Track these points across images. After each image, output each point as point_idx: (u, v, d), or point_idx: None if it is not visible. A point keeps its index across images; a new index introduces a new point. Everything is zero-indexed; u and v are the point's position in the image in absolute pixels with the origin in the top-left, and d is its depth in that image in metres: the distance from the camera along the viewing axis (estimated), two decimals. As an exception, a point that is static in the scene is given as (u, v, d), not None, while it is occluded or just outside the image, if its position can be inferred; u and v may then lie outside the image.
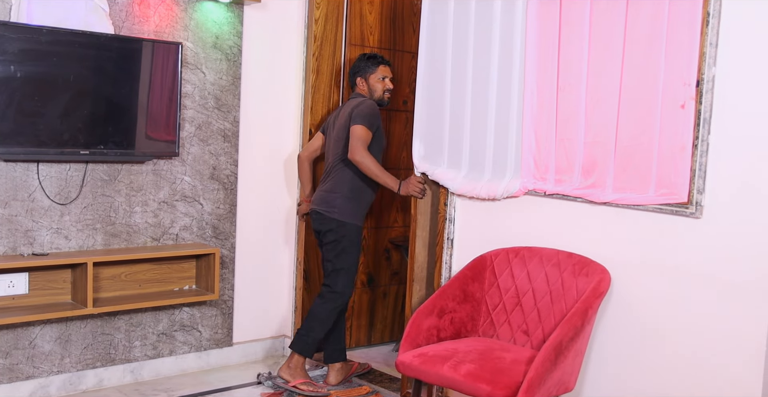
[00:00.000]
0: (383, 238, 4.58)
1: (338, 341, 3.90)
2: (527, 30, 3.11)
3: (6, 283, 3.35)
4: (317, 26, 4.16)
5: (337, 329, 3.88)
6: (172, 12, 3.72)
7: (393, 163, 4.56)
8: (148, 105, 3.61)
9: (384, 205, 4.56)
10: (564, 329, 2.62)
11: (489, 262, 3.19)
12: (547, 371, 2.56)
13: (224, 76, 3.92)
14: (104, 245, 3.62)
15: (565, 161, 3.05)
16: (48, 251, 3.45)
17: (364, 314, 4.55)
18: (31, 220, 3.40)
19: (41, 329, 3.49)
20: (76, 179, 3.51)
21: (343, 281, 3.75)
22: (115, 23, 3.53)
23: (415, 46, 4.07)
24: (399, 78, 4.53)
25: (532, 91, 3.13)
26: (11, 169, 3.33)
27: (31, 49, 3.23)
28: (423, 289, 3.66)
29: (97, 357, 3.67)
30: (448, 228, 3.49)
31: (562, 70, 3.03)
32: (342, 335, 3.92)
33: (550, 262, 3.04)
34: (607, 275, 2.85)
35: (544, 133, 3.10)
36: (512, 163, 3.22)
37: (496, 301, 3.13)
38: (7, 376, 3.40)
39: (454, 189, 3.41)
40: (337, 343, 3.90)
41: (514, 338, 3.05)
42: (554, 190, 3.08)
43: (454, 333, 3.07)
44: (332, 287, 3.75)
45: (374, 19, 4.38)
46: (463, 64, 3.34)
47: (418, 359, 2.81)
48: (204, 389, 3.73)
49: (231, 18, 3.91)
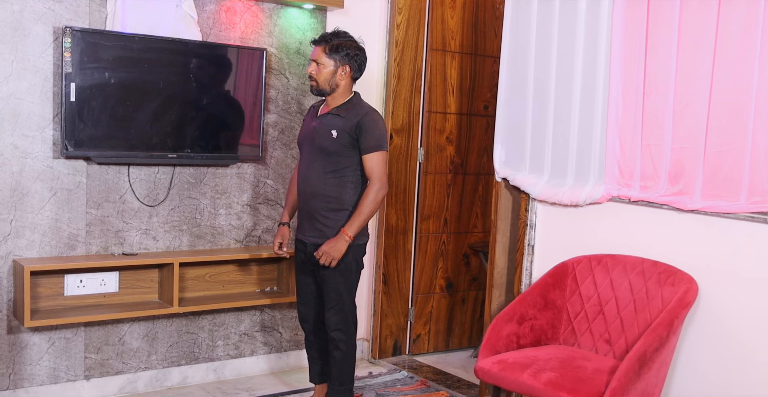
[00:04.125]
0: (462, 243, 4.56)
1: None
2: (613, 32, 3.05)
3: (98, 281, 3.48)
4: (399, 31, 4.18)
5: None
6: (258, 19, 3.80)
7: (474, 168, 4.54)
8: (233, 110, 3.70)
9: (463, 210, 4.54)
10: (648, 340, 2.55)
11: (571, 269, 3.13)
12: (630, 382, 2.49)
13: (307, 81, 3.97)
14: (190, 246, 3.73)
15: (651, 167, 2.97)
16: (137, 251, 3.58)
17: (443, 320, 4.54)
18: (122, 221, 3.53)
19: (130, 326, 3.61)
20: (164, 182, 3.63)
21: (353, 311, 3.29)
22: (203, 30, 3.64)
23: (497, 51, 4.04)
24: (480, 82, 4.50)
25: (617, 95, 3.06)
26: (104, 172, 3.46)
27: (124, 56, 3.36)
28: (502, 295, 3.63)
29: (182, 355, 3.77)
30: (528, 234, 3.45)
31: (649, 73, 2.95)
32: None
33: (634, 270, 2.96)
34: (694, 284, 2.76)
35: (629, 138, 3.03)
36: (596, 169, 3.15)
37: (578, 309, 3.07)
38: (98, 371, 3.54)
39: (536, 195, 3.36)
40: None
41: (596, 347, 2.98)
42: (639, 197, 3.01)
43: (534, 340, 3.03)
44: (345, 329, 3.25)
45: (456, 23, 4.37)
46: (546, 67, 3.30)
47: (498, 365, 2.78)
48: (283, 389, 3.79)
49: (314, 24, 3.97)
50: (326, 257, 3.11)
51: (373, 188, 3.12)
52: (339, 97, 3.21)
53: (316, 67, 3.16)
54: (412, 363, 4.32)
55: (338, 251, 3.11)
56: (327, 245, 3.13)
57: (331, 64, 3.15)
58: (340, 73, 3.16)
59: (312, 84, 3.19)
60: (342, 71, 3.16)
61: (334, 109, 3.20)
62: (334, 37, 3.17)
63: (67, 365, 3.46)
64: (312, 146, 3.21)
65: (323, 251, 3.12)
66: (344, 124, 3.14)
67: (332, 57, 3.15)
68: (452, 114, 4.42)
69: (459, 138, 4.46)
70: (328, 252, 3.11)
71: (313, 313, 3.36)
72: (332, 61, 3.15)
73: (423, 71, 4.30)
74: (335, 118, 3.17)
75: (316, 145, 3.19)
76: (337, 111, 3.19)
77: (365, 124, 3.12)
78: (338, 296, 3.22)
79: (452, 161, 4.45)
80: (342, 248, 3.12)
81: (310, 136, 3.24)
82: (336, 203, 3.17)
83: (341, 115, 3.17)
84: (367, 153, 3.13)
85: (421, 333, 4.46)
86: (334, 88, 3.18)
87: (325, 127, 3.17)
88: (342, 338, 3.25)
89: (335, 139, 3.13)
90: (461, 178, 4.50)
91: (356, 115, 3.15)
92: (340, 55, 3.15)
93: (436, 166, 4.39)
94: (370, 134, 3.12)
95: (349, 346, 3.27)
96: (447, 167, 4.44)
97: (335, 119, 3.17)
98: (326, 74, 3.15)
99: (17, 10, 3.20)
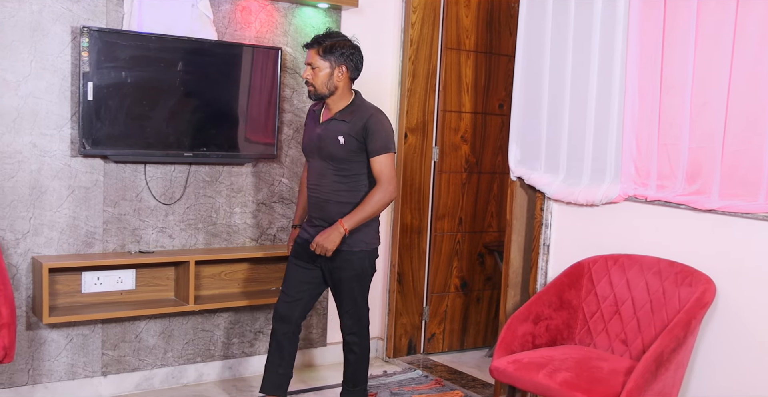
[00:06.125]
0: (477, 242, 4.55)
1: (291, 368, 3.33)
2: (629, 31, 3.04)
3: (115, 278, 3.51)
4: (414, 30, 4.18)
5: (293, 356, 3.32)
6: (273, 18, 3.81)
7: (489, 167, 4.53)
8: (249, 109, 3.71)
9: (478, 209, 4.53)
10: (665, 340, 2.54)
11: (586, 269, 3.12)
12: (647, 383, 2.48)
13: (322, 80, 3.98)
14: (205, 244, 3.75)
15: (667, 167, 2.95)
16: (153, 249, 3.60)
17: (457, 319, 4.53)
18: (138, 219, 3.56)
19: (146, 323, 3.64)
20: (180, 180, 3.65)
21: (367, 314, 3.27)
22: (218, 30, 3.65)
23: (512, 49, 4.02)
24: (495, 81, 4.49)
25: (633, 94, 3.04)
26: (121, 170, 3.49)
27: (140, 55, 3.38)
28: (518, 295, 3.62)
29: (198, 352, 3.79)
30: (544, 233, 3.44)
31: (666, 72, 2.94)
32: None
33: (650, 270, 2.95)
34: (712, 285, 2.75)
35: (645, 137, 3.02)
36: (612, 168, 3.14)
37: (594, 309, 3.06)
38: (116, 367, 3.57)
39: (551, 194, 3.35)
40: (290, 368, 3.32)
41: (612, 347, 2.97)
42: (656, 197, 2.99)
43: (549, 340, 3.02)
44: (359, 331, 3.23)
45: (470, 22, 4.36)
46: (562, 66, 3.29)
47: (513, 365, 2.78)
48: (299, 387, 3.80)
49: (329, 23, 3.98)
50: (320, 248, 3.03)
51: (381, 188, 3.03)
52: (339, 100, 3.08)
53: (312, 71, 3.04)
54: (426, 362, 4.32)
55: (332, 242, 3.02)
56: (321, 236, 3.04)
57: (326, 67, 3.02)
58: (338, 75, 3.04)
59: (309, 89, 3.07)
60: (339, 72, 3.04)
61: (337, 114, 3.08)
62: (327, 38, 3.05)
63: (84, 362, 3.49)
64: (320, 154, 3.11)
65: (317, 243, 3.04)
66: (350, 128, 3.03)
67: (327, 59, 3.02)
68: (467, 113, 4.41)
69: (474, 137, 4.46)
70: (322, 244, 3.02)
71: (297, 314, 3.24)
72: (327, 63, 3.02)
73: (438, 70, 4.29)
74: (340, 123, 3.06)
75: (324, 153, 3.09)
76: (341, 116, 3.07)
77: (371, 126, 3.02)
78: (353, 301, 3.18)
79: (467, 160, 4.45)
80: (336, 240, 3.02)
81: (315, 145, 3.12)
82: (352, 208, 3.07)
83: (346, 119, 3.05)
84: (374, 156, 3.03)
85: (436, 332, 4.46)
86: (333, 91, 3.05)
87: (331, 134, 3.06)
88: (356, 341, 3.23)
89: (343, 145, 3.04)
90: (476, 177, 4.50)
91: (361, 118, 3.04)
92: (335, 55, 3.02)
93: (450, 165, 4.39)
94: (377, 136, 3.02)
95: (363, 348, 3.25)
96: (462, 166, 4.43)
97: (340, 125, 3.06)
98: (323, 77, 3.03)
99: (36, 11, 3.22)
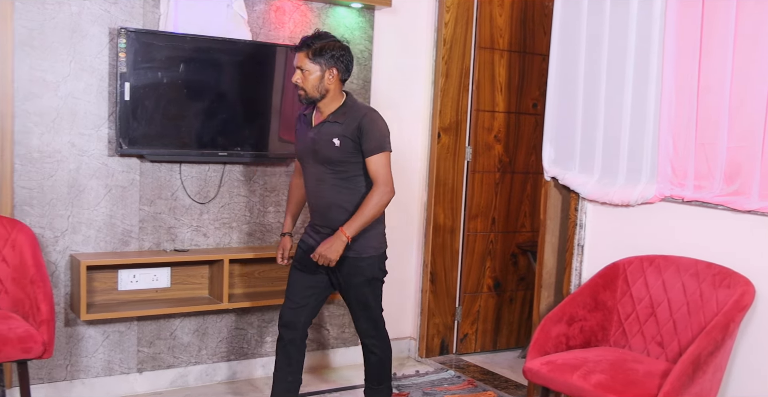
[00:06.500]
0: (510, 243, 4.53)
1: None
2: (666, 29, 2.99)
3: (151, 276, 3.55)
4: (447, 29, 4.16)
5: None
6: (306, 18, 3.83)
7: (522, 167, 4.50)
8: (282, 108, 3.73)
9: (511, 209, 4.50)
10: (703, 343, 2.50)
11: (622, 270, 3.08)
12: (683, 386, 2.45)
13: (355, 79, 3.99)
14: (239, 243, 3.78)
15: (705, 167, 2.91)
16: (188, 248, 3.63)
17: (490, 319, 4.51)
18: (174, 218, 3.60)
19: (181, 321, 3.68)
20: (215, 180, 3.68)
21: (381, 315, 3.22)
22: (252, 30, 3.68)
23: (546, 49, 3.99)
24: (529, 80, 4.46)
25: (670, 93, 3.00)
26: (156, 169, 3.53)
27: (176, 55, 3.42)
28: (551, 295, 3.59)
29: (231, 350, 3.82)
30: (578, 234, 3.41)
31: (704, 72, 2.89)
32: None
33: (687, 272, 2.90)
34: (751, 287, 2.70)
35: (682, 137, 2.97)
36: (648, 168, 3.10)
37: (629, 310, 3.02)
38: (151, 364, 3.61)
39: (586, 194, 3.32)
40: None
41: (648, 349, 2.93)
42: (693, 197, 2.95)
43: (583, 342, 2.99)
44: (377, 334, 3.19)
45: (504, 21, 4.34)
46: (597, 65, 3.26)
47: (547, 366, 2.75)
48: (330, 386, 3.81)
49: (362, 23, 3.98)
50: (323, 259, 2.94)
51: (378, 190, 2.94)
52: (331, 102, 2.99)
53: (302, 74, 2.94)
54: (459, 362, 4.30)
55: (335, 252, 2.93)
56: (323, 246, 2.94)
57: (316, 70, 2.93)
58: (328, 77, 2.94)
59: (300, 93, 2.97)
60: (329, 75, 2.94)
61: (330, 116, 2.98)
62: (316, 40, 2.95)
63: (120, 358, 3.54)
64: (315, 158, 3.01)
65: (319, 253, 2.94)
66: (344, 129, 2.94)
67: (317, 61, 2.93)
68: (500, 112, 4.39)
69: (507, 136, 4.43)
70: (325, 254, 2.93)
71: (303, 320, 3.16)
72: (317, 66, 2.93)
73: (471, 69, 4.28)
74: (333, 125, 2.97)
75: (320, 157, 2.99)
76: (333, 118, 2.97)
77: (365, 125, 2.93)
78: (367, 306, 3.13)
79: (500, 160, 4.42)
80: (339, 249, 2.93)
81: (310, 149, 3.01)
82: (356, 209, 2.99)
83: (339, 121, 2.96)
84: (369, 155, 2.93)
85: (469, 332, 4.45)
86: (324, 94, 2.96)
87: (325, 137, 2.97)
88: (376, 344, 3.18)
89: (339, 147, 2.94)
90: (509, 176, 4.47)
91: (354, 118, 2.95)
92: (324, 58, 2.93)
93: (484, 164, 4.37)
94: (371, 136, 2.93)
95: (384, 348, 3.20)
96: (495, 166, 4.41)
97: (334, 127, 2.96)
98: (313, 81, 2.93)
99: (75, 13, 3.27)
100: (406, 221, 4.30)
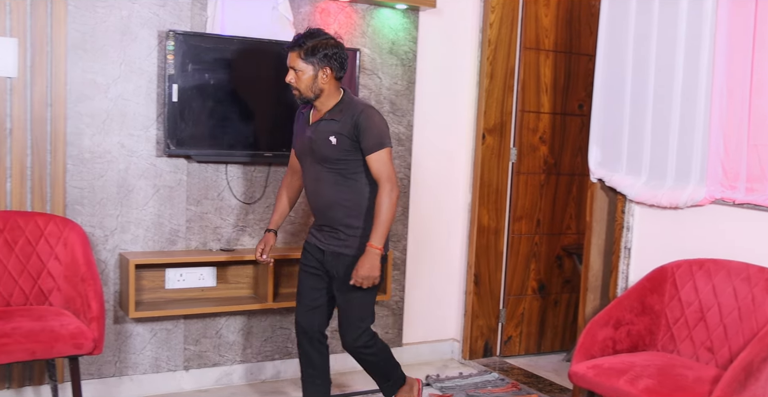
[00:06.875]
0: (556, 245, 4.48)
1: None
2: (717, 27, 2.94)
3: (197, 275, 3.60)
4: (492, 30, 4.14)
5: None
6: (351, 19, 3.84)
7: (568, 168, 4.46)
8: (327, 110, 3.75)
9: (557, 211, 4.46)
10: (755, 349, 2.44)
11: (670, 273, 3.03)
12: (734, 393, 2.39)
13: (399, 80, 4.00)
14: (284, 244, 3.81)
15: (758, 168, 2.84)
16: (234, 247, 3.67)
17: (534, 322, 4.47)
18: (220, 217, 3.64)
19: (226, 320, 3.72)
20: (260, 180, 3.72)
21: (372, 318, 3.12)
22: (298, 31, 3.67)
23: (592, 49, 3.95)
24: (575, 81, 4.41)
25: (721, 93, 2.94)
26: (203, 170, 3.58)
27: (222, 57, 3.46)
28: (597, 299, 3.55)
29: (276, 350, 3.85)
30: (625, 237, 3.36)
31: (757, 71, 2.83)
32: None
33: (738, 276, 2.84)
34: (806, 292, 2.63)
35: (734, 137, 2.91)
36: (697, 170, 3.04)
37: (677, 315, 2.97)
38: (197, 362, 3.66)
39: (633, 196, 3.27)
40: None
41: (697, 354, 2.88)
42: (745, 200, 2.88)
43: (630, 346, 2.95)
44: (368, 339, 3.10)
45: (550, 21, 4.30)
46: (645, 64, 3.21)
47: (593, 370, 2.72)
48: (375, 387, 3.81)
49: (407, 24, 3.98)
50: (367, 281, 2.89)
51: (385, 191, 2.88)
52: (327, 100, 2.95)
53: (295, 74, 2.90)
54: (502, 365, 4.28)
55: (375, 268, 2.88)
56: (362, 267, 2.87)
57: (309, 70, 2.88)
58: (322, 77, 2.89)
59: (294, 93, 2.94)
60: (323, 74, 2.89)
61: (327, 114, 2.94)
62: (308, 39, 2.89)
63: (167, 356, 3.59)
64: (313, 157, 2.97)
65: (362, 277, 2.88)
66: (341, 127, 2.90)
67: (309, 61, 2.88)
68: (546, 113, 4.35)
69: (553, 138, 4.39)
70: (366, 275, 2.87)
71: (318, 321, 3.13)
72: (310, 66, 2.88)
73: (516, 70, 4.24)
74: (330, 123, 2.92)
75: (317, 156, 2.95)
76: (330, 115, 2.93)
77: (361, 122, 2.87)
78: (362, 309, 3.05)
79: (546, 161, 4.38)
80: (377, 264, 2.88)
81: (308, 148, 2.99)
82: (356, 209, 2.96)
83: (336, 118, 2.91)
84: (369, 153, 2.88)
85: (513, 335, 4.41)
86: (318, 94, 2.92)
87: (321, 135, 2.93)
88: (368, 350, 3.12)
89: (335, 145, 2.90)
90: (555, 178, 4.43)
91: (351, 115, 2.90)
92: (317, 57, 2.87)
93: (529, 166, 4.33)
94: (369, 133, 2.87)
95: (378, 349, 3.14)
96: (540, 167, 4.37)
97: (330, 124, 2.92)
98: (307, 81, 2.89)
99: (125, 16, 3.34)
100: (448, 222, 4.28)
